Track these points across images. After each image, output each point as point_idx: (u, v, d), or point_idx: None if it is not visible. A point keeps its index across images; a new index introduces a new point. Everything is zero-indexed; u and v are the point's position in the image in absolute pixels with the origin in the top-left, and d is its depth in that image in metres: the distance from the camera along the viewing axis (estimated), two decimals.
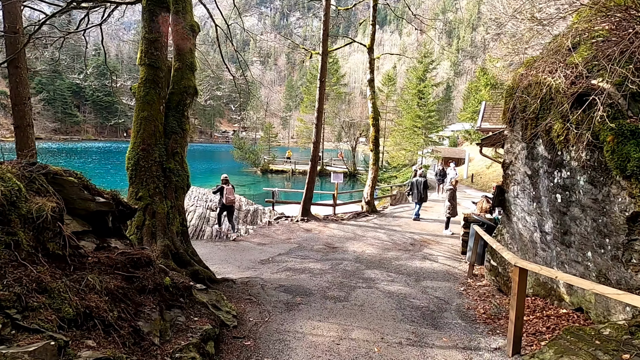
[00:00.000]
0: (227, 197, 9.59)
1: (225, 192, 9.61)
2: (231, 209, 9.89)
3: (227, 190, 9.64)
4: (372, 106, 13.90)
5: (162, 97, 5.48)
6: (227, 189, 9.66)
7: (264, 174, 38.76)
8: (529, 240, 5.42)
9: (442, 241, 10.62)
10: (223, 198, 9.59)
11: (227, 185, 9.73)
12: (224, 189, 9.65)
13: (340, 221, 12.74)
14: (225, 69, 11.73)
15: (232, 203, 9.79)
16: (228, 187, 9.71)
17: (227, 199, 9.59)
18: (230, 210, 9.91)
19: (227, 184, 9.77)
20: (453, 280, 7.16)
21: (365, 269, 7.62)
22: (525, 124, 5.09)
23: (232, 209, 9.92)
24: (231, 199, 9.68)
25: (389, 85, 35.02)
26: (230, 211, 9.91)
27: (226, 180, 9.82)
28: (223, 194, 9.61)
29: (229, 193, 9.65)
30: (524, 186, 5.43)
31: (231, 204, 9.75)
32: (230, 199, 9.64)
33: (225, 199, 9.57)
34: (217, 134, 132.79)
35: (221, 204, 9.71)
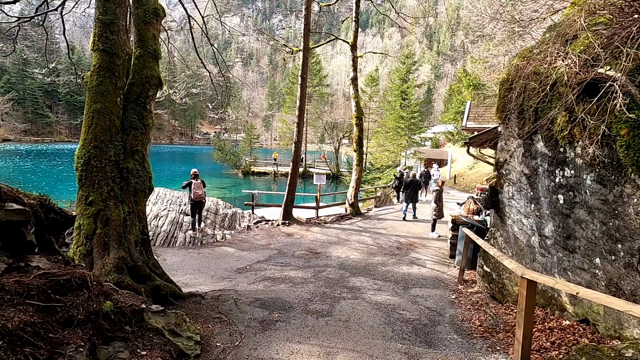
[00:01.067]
0: (195, 192, 9.30)
1: (193, 187, 9.33)
2: (200, 204, 9.60)
3: (195, 185, 9.37)
4: (355, 105, 13.46)
5: (119, 88, 4.81)
6: (195, 184, 9.38)
7: (245, 176, 37.81)
8: (526, 245, 5.02)
9: (428, 244, 10.24)
10: (191, 193, 9.31)
11: (196, 180, 9.48)
12: (192, 183, 9.39)
13: (324, 224, 12.21)
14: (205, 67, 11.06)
15: (201, 198, 9.49)
16: (196, 182, 9.44)
17: (195, 194, 9.29)
18: (200, 206, 9.62)
19: (196, 178, 9.52)
20: (443, 287, 6.73)
21: (350, 276, 7.10)
22: (523, 118, 4.69)
23: (201, 204, 9.63)
24: (199, 194, 9.37)
25: (372, 86, 34.82)
26: (201, 208, 9.65)
27: (195, 175, 9.58)
28: (191, 189, 9.33)
29: (196, 188, 9.36)
30: (520, 186, 5.03)
31: (199, 199, 9.44)
32: (198, 194, 9.34)
33: (193, 193, 9.28)
34: (198, 136, 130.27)
35: (190, 199, 9.45)
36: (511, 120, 5.06)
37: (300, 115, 11.29)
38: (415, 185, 13.48)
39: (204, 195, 9.66)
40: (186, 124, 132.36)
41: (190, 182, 9.44)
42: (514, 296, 5.29)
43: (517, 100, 4.75)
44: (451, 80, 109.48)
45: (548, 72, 4.14)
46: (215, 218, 10.59)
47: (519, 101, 4.73)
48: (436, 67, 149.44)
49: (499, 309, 5.24)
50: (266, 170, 39.68)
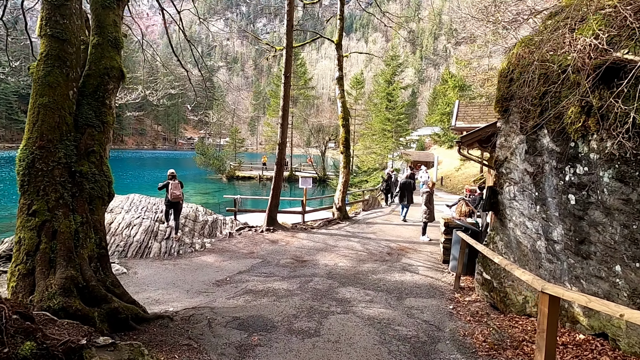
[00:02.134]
0: (172, 192, 8.91)
1: (171, 187, 8.96)
2: (178, 206, 9.15)
3: (172, 185, 8.98)
4: (341, 105, 13.01)
5: (72, 80, 4.18)
6: (172, 184, 9.00)
7: (229, 180, 36.89)
8: (531, 250, 4.60)
9: (420, 248, 9.81)
10: (168, 193, 8.94)
11: (173, 180, 9.10)
12: (169, 184, 9.01)
13: (310, 230, 11.66)
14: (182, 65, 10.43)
15: (178, 199, 9.07)
16: (174, 182, 9.05)
17: (172, 194, 8.91)
18: (177, 207, 9.14)
19: (173, 179, 9.14)
20: (439, 295, 6.27)
21: (339, 286, 6.57)
22: (526, 112, 4.28)
23: (178, 206, 9.17)
24: (176, 194, 8.97)
25: (358, 89, 34.58)
26: (177, 209, 9.15)
27: (173, 176, 9.20)
28: (168, 190, 8.96)
29: (174, 188, 8.97)
30: (523, 186, 4.62)
31: (177, 200, 9.04)
32: (175, 194, 8.94)
33: (170, 194, 8.91)
34: (182, 141, 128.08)
35: (167, 200, 9.07)
36: (512, 114, 4.65)
37: (284, 116, 10.75)
38: (408, 187, 13.46)
39: (182, 196, 9.23)
40: (169, 129, 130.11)
41: (167, 182, 9.06)
42: (517, 306, 4.86)
43: (520, 91, 4.34)
44: (435, 83, 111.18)
45: (555, 59, 3.73)
46: (195, 225, 9.91)
47: (521, 93, 4.32)
48: (420, 71, 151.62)
49: (503, 321, 4.79)
50: (251, 174, 38.87)
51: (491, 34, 22.87)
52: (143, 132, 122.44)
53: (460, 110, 11.74)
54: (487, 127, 7.36)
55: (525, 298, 4.75)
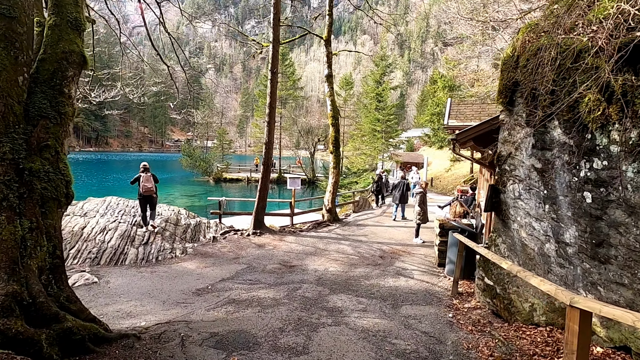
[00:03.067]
0: (144, 185, 8.59)
1: (142, 180, 8.61)
2: (152, 199, 8.82)
3: (143, 178, 8.64)
4: (330, 103, 12.59)
5: (22, 64, 3.63)
6: (144, 177, 8.66)
7: (217, 183, 36.09)
8: (538, 254, 4.22)
9: (413, 251, 9.43)
10: (140, 187, 8.61)
11: (145, 173, 8.76)
12: (141, 177, 8.67)
13: (299, 233, 11.17)
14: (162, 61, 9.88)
15: (151, 192, 8.75)
16: (145, 175, 8.71)
17: (144, 187, 8.59)
18: (152, 201, 8.84)
19: (145, 172, 8.78)
20: (436, 302, 5.87)
21: (330, 293, 6.12)
22: (534, 102, 3.90)
23: (153, 200, 8.84)
24: (148, 187, 8.65)
25: (347, 89, 34.28)
26: (152, 203, 8.85)
27: (145, 168, 8.84)
28: (140, 183, 8.63)
29: (145, 181, 8.63)
30: (529, 184, 4.24)
31: (149, 193, 8.71)
32: (147, 187, 8.62)
33: (142, 187, 8.58)
34: (169, 143, 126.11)
35: (139, 195, 8.70)
36: (517, 105, 4.27)
37: (270, 114, 10.27)
38: (402, 187, 13.50)
39: (155, 189, 8.88)
40: (156, 131, 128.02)
41: (139, 175, 8.72)
42: (524, 314, 4.48)
43: (526, 80, 3.97)
44: (422, 86, 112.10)
45: (569, 41, 3.36)
46: (176, 230, 9.32)
47: (528, 81, 3.94)
48: (407, 73, 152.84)
49: (508, 331, 4.40)
50: (240, 176, 38.15)
51: (480, 35, 22.88)
52: (129, 134, 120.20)
53: (452, 108, 11.45)
54: (483, 124, 7.02)
55: (533, 306, 4.37)
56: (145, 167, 8.89)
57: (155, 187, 8.92)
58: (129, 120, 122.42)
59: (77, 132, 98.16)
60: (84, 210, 9.25)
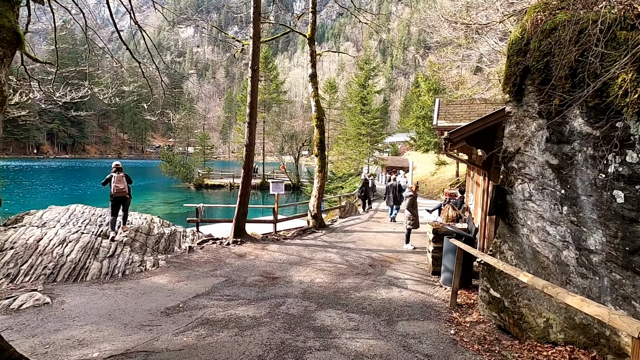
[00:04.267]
0: (116, 186, 8.06)
1: (114, 181, 8.06)
2: (125, 201, 8.31)
3: (115, 179, 8.09)
4: (315, 104, 12.03)
5: None
6: (116, 177, 8.11)
7: (198, 189, 34.91)
8: (553, 262, 3.72)
9: (404, 258, 8.90)
10: (112, 188, 8.07)
11: (117, 173, 8.20)
12: (112, 177, 8.12)
13: (283, 241, 10.49)
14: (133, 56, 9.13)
15: (123, 194, 8.21)
16: (117, 175, 8.15)
17: (116, 188, 8.07)
18: (124, 203, 8.32)
19: (117, 172, 8.22)
20: (435, 316, 5.31)
21: (317, 309, 5.48)
22: (549, 89, 3.41)
23: (125, 201, 8.33)
24: (120, 188, 8.12)
25: (331, 93, 33.87)
26: (125, 204, 8.35)
27: (117, 168, 8.28)
28: (111, 184, 8.07)
29: (117, 182, 8.08)
30: (542, 183, 3.74)
31: (121, 194, 8.18)
32: (119, 187, 8.10)
33: (114, 188, 8.05)
34: (150, 149, 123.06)
35: (110, 196, 8.15)
36: (527, 95, 3.79)
37: (251, 114, 9.62)
38: (395, 189, 13.63)
39: (127, 190, 8.31)
40: (136, 137, 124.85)
41: (111, 175, 8.14)
42: (538, 331, 3.95)
43: (539, 65, 3.49)
44: (405, 92, 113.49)
45: (594, 16, 2.88)
46: (147, 240, 8.50)
47: (541, 66, 3.46)
48: (390, 79, 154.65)
49: (521, 351, 3.87)
50: (222, 182, 37.07)
51: (464, 38, 22.92)
52: (107, 140, 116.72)
53: (441, 109, 11.08)
54: (479, 122, 6.59)
55: (548, 321, 3.86)
56: (117, 167, 8.31)
57: (128, 188, 8.35)
58: (107, 126, 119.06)
59: (52, 138, 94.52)
60: (42, 220, 8.34)
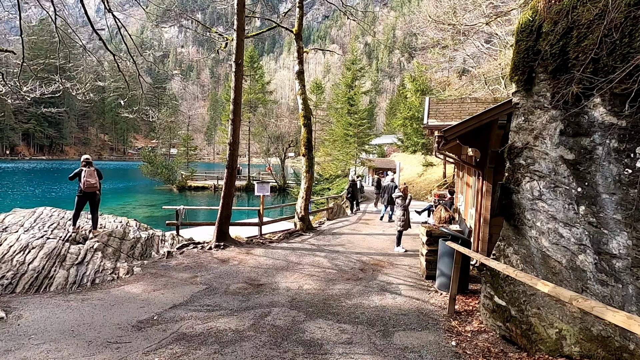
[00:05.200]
0: (86, 180, 7.46)
1: (84, 175, 7.45)
2: (94, 197, 7.72)
3: (86, 173, 7.48)
4: (302, 102, 11.60)
5: None
6: (86, 171, 7.50)
7: (181, 191, 33.89)
8: (567, 267, 3.38)
9: (396, 262, 8.55)
10: (81, 182, 7.47)
11: (87, 167, 7.60)
12: (82, 171, 7.51)
13: (269, 244, 10.00)
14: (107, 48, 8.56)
15: (94, 189, 7.63)
16: (88, 170, 7.54)
17: (86, 182, 7.46)
18: (93, 199, 7.73)
19: (87, 166, 7.63)
20: (433, 325, 4.93)
21: (306, 319, 5.03)
22: (564, 76, 3.08)
23: (95, 197, 7.74)
24: (91, 182, 7.52)
25: (318, 94, 33.49)
26: (93, 200, 7.75)
27: (87, 162, 7.69)
28: (81, 178, 7.46)
29: (88, 176, 7.47)
30: (555, 180, 3.41)
31: (92, 189, 7.59)
32: (90, 182, 7.50)
33: (84, 183, 7.45)
34: (132, 151, 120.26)
35: (79, 191, 7.59)
36: (539, 83, 3.45)
37: (235, 111, 9.11)
38: (392, 190, 13.50)
39: (98, 186, 7.73)
40: (117, 138, 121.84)
41: (80, 169, 7.55)
42: (549, 343, 3.61)
43: (553, 49, 3.15)
44: (391, 95, 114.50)
45: None
46: (122, 245, 7.88)
47: (555, 50, 3.12)
48: (376, 82, 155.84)
49: None
50: (206, 184, 36.16)
51: (450, 39, 22.94)
52: (87, 141, 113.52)
53: (431, 108, 10.83)
54: (475, 118, 6.31)
55: (561, 332, 3.52)
56: (87, 160, 7.71)
57: (99, 183, 7.74)
58: (87, 127, 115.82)
59: (28, 139, 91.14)
60: (4, 224, 7.62)
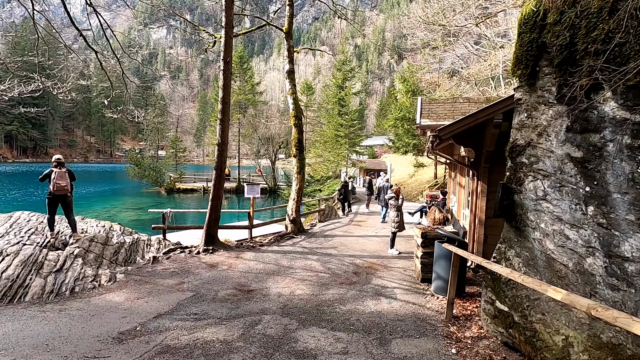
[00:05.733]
0: (56, 182, 7.10)
1: (54, 177, 7.08)
2: (65, 199, 7.33)
3: (56, 175, 7.11)
4: (292, 102, 11.36)
5: None
6: (57, 173, 7.13)
7: (169, 194, 33.24)
8: (574, 271, 3.21)
9: (390, 264, 8.36)
10: (51, 184, 7.13)
11: (59, 168, 7.22)
12: (52, 172, 7.14)
13: (259, 248, 9.71)
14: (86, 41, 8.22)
15: (64, 191, 7.26)
16: (59, 171, 7.17)
17: (56, 185, 7.11)
18: (65, 201, 7.35)
19: (59, 167, 7.25)
20: (431, 331, 4.74)
21: (299, 327, 4.79)
22: (572, 68, 2.91)
23: (66, 199, 7.35)
24: (61, 185, 7.15)
25: (308, 95, 33.27)
26: (65, 203, 7.36)
27: (58, 163, 7.31)
28: (51, 180, 7.11)
29: (58, 178, 7.11)
30: (561, 180, 3.24)
31: (62, 192, 7.23)
32: (60, 185, 7.13)
33: (54, 185, 7.09)
34: (119, 153, 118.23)
35: (49, 193, 7.24)
36: (543, 78, 3.28)
37: (224, 110, 8.83)
38: (386, 190, 13.69)
39: (69, 189, 7.37)
40: (104, 140, 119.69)
41: (51, 170, 7.18)
42: (555, 351, 3.43)
43: (559, 40, 2.98)
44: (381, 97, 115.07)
45: None
46: (104, 250, 7.51)
47: (562, 41, 2.96)
48: (366, 84, 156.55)
49: None
50: (195, 186, 35.56)
51: (440, 40, 22.98)
52: (72, 143, 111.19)
53: (423, 107, 10.71)
54: (470, 117, 6.17)
55: (567, 339, 3.35)
56: (58, 161, 7.34)
57: (71, 185, 7.39)
58: (72, 129, 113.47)
59: (10, 141, 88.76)
60: None
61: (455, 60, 22.78)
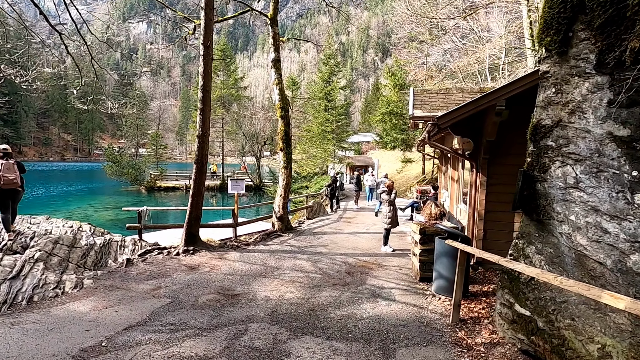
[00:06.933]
0: (4, 175, 6.40)
1: (1, 170, 6.39)
2: (15, 195, 6.66)
3: (3, 167, 6.40)
4: (279, 93, 10.73)
5: None
6: (3, 165, 6.41)
7: (150, 192, 31.97)
8: (613, 270, 2.76)
9: (384, 263, 7.88)
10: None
11: (5, 159, 6.49)
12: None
13: (244, 247, 9.09)
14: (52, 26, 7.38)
15: (13, 185, 6.53)
16: (6, 162, 6.45)
17: (4, 178, 6.40)
18: (15, 197, 6.69)
19: (6, 157, 6.52)
20: (437, 337, 4.26)
21: (290, 337, 4.23)
22: (623, 28, 2.44)
23: (17, 195, 6.70)
24: (10, 178, 6.45)
25: (293, 89, 32.55)
26: (15, 199, 6.71)
27: (5, 154, 6.57)
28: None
29: (5, 170, 6.40)
30: (599, 163, 2.77)
31: (12, 186, 6.51)
32: (8, 178, 6.42)
33: (1, 178, 6.39)
34: (98, 151, 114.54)
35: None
36: (578, 44, 2.80)
37: (204, 99, 8.14)
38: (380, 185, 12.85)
39: (20, 182, 6.65)
40: (82, 138, 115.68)
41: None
42: None
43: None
44: (365, 94, 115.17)
45: None
46: (70, 253, 6.74)
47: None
48: (351, 81, 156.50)
49: None
50: (177, 184, 34.39)
51: (428, 34, 22.68)
52: (48, 141, 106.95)
53: (416, 98, 10.27)
54: (471, 104, 5.72)
55: (604, 349, 2.90)
56: (5, 151, 6.56)
57: (21, 178, 6.65)
58: (48, 126, 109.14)
59: None
60: None
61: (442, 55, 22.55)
